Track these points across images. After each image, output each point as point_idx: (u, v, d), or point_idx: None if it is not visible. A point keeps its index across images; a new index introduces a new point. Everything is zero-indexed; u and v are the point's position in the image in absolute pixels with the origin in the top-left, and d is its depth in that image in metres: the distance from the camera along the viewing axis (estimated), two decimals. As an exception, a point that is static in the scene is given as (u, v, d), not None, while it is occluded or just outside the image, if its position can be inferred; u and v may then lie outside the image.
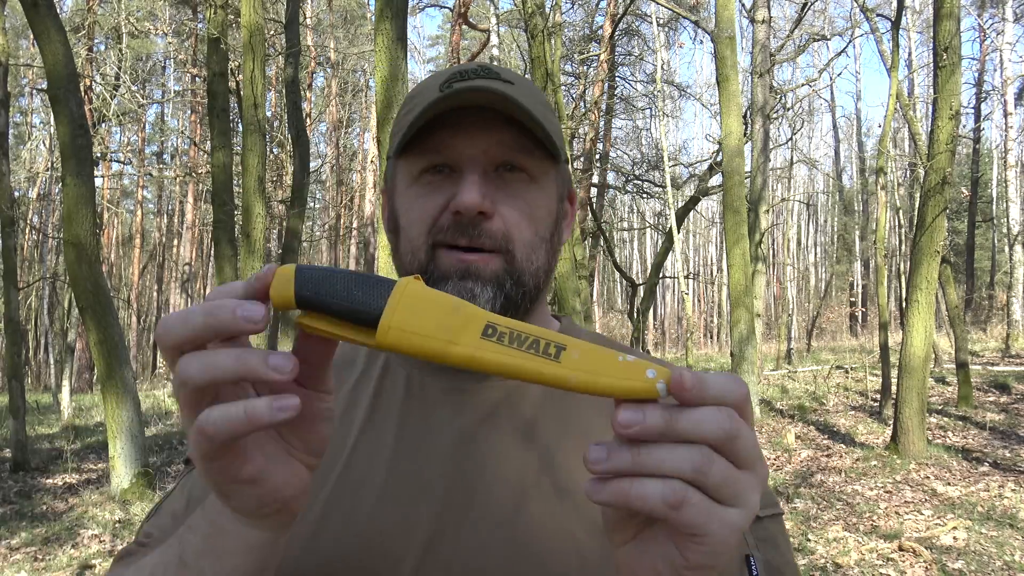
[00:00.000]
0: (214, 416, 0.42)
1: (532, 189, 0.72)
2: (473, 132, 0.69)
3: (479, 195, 0.68)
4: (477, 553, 0.65)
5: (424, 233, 0.71)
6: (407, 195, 0.73)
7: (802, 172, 33.75)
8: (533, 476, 0.69)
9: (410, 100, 0.75)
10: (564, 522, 0.66)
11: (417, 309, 0.43)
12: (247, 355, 0.42)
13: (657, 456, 0.39)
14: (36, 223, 22.98)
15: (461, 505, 0.67)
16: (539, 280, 0.74)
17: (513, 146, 0.70)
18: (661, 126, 15.94)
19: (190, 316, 0.43)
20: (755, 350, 9.61)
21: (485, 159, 0.70)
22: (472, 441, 0.70)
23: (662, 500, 0.39)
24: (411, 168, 0.73)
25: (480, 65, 0.73)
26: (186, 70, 23.13)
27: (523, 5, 8.47)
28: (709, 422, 0.39)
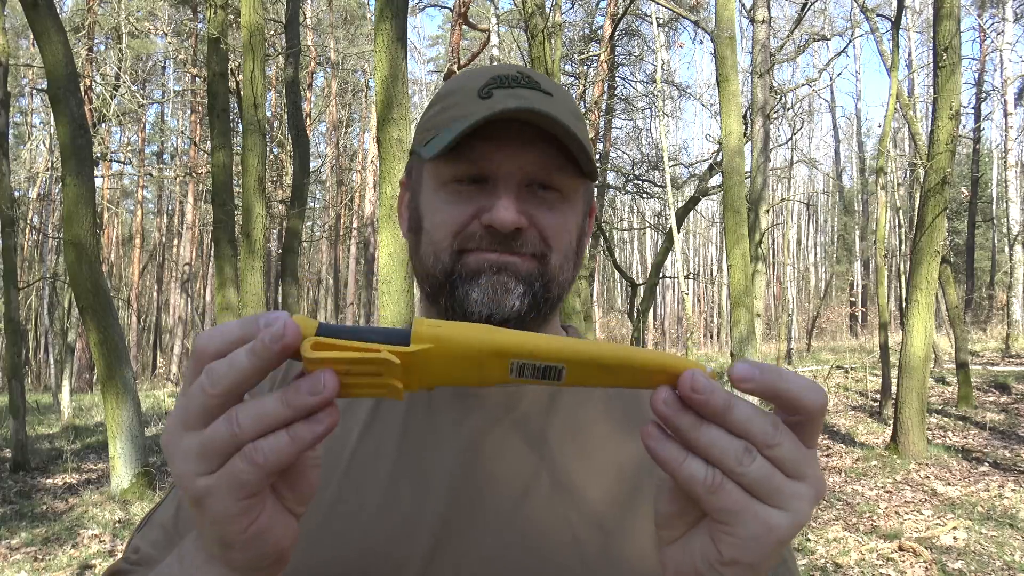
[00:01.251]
0: (264, 445, 0.41)
1: (564, 206, 0.72)
2: (511, 147, 0.69)
3: (516, 213, 0.68)
4: (484, 555, 0.65)
5: (450, 237, 0.71)
6: (434, 199, 0.73)
7: (802, 172, 33.77)
8: (539, 478, 0.69)
9: (444, 98, 0.74)
10: (567, 522, 0.66)
11: (443, 324, 0.42)
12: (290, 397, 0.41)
13: (710, 435, 0.40)
14: (36, 223, 22.98)
15: (467, 507, 0.67)
16: (563, 291, 0.74)
17: (549, 165, 0.70)
18: (661, 126, 15.94)
19: (235, 360, 0.41)
20: (755, 350, 9.60)
21: (522, 175, 0.70)
22: (478, 443, 0.70)
23: (702, 480, 0.40)
24: (441, 172, 0.72)
25: (520, 71, 0.73)
26: (186, 70, 23.13)
27: (523, 5, 8.47)
28: (753, 421, 0.41)
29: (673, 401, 0.41)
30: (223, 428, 0.41)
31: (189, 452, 0.42)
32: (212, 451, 0.41)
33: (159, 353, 30.01)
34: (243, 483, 0.41)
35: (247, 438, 0.41)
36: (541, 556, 0.64)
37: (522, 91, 0.70)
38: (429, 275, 0.73)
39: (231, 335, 0.42)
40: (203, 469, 0.42)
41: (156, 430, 11.08)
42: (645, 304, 17.44)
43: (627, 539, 0.66)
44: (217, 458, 0.41)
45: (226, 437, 0.41)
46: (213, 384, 0.41)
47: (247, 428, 0.41)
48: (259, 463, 0.41)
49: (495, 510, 0.67)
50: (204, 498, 0.42)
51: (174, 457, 0.43)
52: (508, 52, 18.83)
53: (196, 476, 0.42)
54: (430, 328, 0.42)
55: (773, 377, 0.41)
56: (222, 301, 9.10)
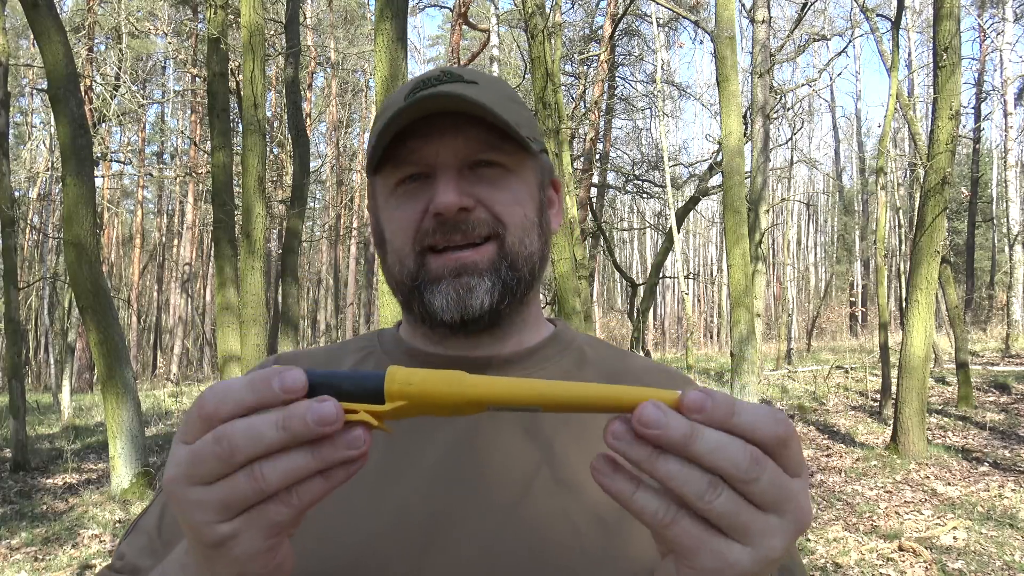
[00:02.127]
0: (301, 490, 0.41)
1: (510, 178, 0.73)
2: (441, 137, 0.70)
3: (456, 193, 0.69)
4: (481, 547, 0.65)
5: (410, 241, 0.72)
6: (387, 208, 0.74)
7: (802, 172, 33.77)
8: (535, 469, 0.69)
9: (379, 116, 0.75)
10: (566, 515, 0.66)
11: (417, 371, 0.43)
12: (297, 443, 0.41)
13: (669, 468, 0.39)
14: (36, 223, 22.97)
15: (461, 500, 0.67)
16: (533, 266, 0.74)
17: (483, 144, 0.71)
18: (661, 126, 15.94)
19: (262, 433, 0.40)
20: (755, 350, 9.60)
21: (457, 160, 0.71)
22: (471, 437, 0.70)
23: (652, 515, 0.39)
24: (388, 181, 0.74)
25: (442, 70, 0.74)
26: (186, 70, 23.13)
27: (523, 5, 8.47)
28: (726, 452, 0.38)
29: (624, 434, 0.39)
30: (246, 484, 0.40)
31: (205, 504, 0.41)
32: (235, 504, 0.41)
33: (159, 353, 30.01)
34: (276, 524, 0.42)
35: (274, 491, 0.41)
36: (540, 549, 0.64)
37: (443, 87, 0.71)
38: (399, 283, 0.74)
39: (244, 401, 0.41)
40: (224, 517, 0.41)
41: (156, 430, 11.07)
42: (645, 304, 17.44)
43: (627, 532, 0.65)
44: (240, 508, 0.41)
45: (249, 492, 0.40)
46: (232, 454, 0.40)
47: (275, 483, 0.40)
48: (295, 506, 0.41)
49: (491, 503, 0.67)
50: (228, 541, 0.42)
51: (185, 508, 0.42)
52: (508, 52, 18.84)
53: (217, 524, 0.42)
54: (402, 386, 0.42)
55: (723, 411, 0.39)
56: (222, 301, 9.10)
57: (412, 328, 0.80)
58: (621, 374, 0.78)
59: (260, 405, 0.41)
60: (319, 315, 33.25)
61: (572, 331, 0.84)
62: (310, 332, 31.51)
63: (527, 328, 0.78)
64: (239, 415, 0.41)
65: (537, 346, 0.78)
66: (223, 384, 0.42)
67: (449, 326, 0.71)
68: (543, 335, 0.80)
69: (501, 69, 15.94)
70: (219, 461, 0.40)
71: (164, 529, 0.71)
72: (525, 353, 0.77)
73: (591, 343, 0.83)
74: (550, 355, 0.78)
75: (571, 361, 0.79)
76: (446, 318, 0.70)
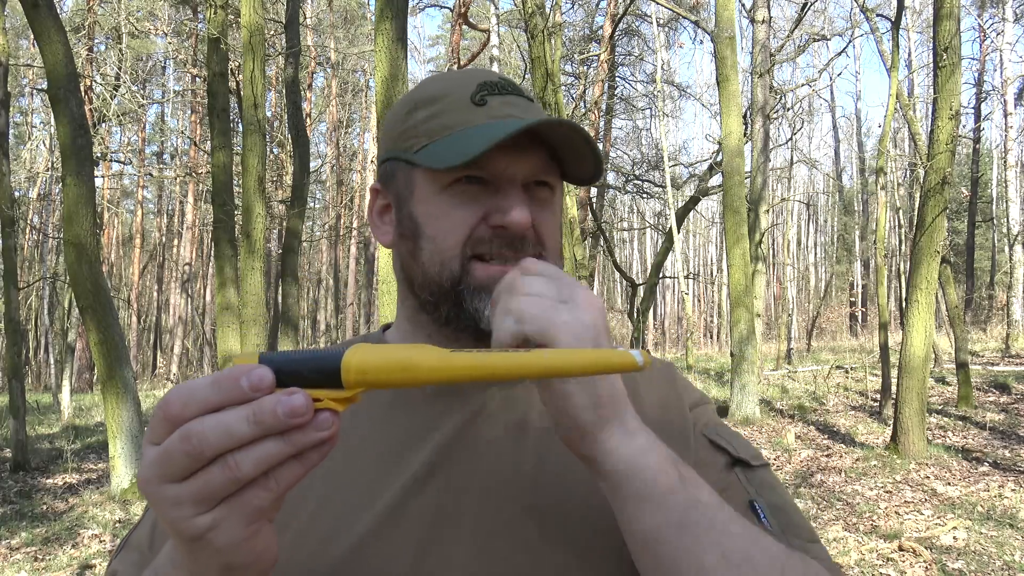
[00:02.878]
0: (279, 474, 0.42)
1: (554, 202, 0.75)
2: (517, 150, 0.70)
3: (529, 213, 0.70)
4: (474, 546, 0.65)
5: (459, 244, 0.71)
6: (435, 203, 0.72)
7: (802, 172, 33.78)
8: (528, 468, 0.69)
9: (430, 103, 0.73)
10: (561, 513, 0.66)
11: (374, 348, 0.44)
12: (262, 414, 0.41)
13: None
14: (36, 223, 22.98)
15: (456, 500, 0.67)
16: None
17: (544, 166, 0.72)
18: (661, 126, 15.94)
19: (232, 427, 0.41)
20: (755, 350, 9.61)
21: (523, 176, 0.72)
22: (466, 436, 0.70)
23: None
24: (440, 176, 0.71)
25: (503, 78, 0.75)
26: (186, 70, 23.13)
27: (523, 5, 8.47)
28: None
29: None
30: (220, 475, 0.41)
31: (180, 499, 0.42)
32: (210, 495, 0.42)
33: (159, 353, 30.02)
34: (256, 509, 0.42)
35: (249, 479, 0.41)
36: (531, 546, 0.65)
37: (512, 98, 0.72)
38: (432, 283, 0.72)
39: (209, 400, 0.41)
40: (201, 510, 0.42)
41: (156, 430, 11.06)
42: (645, 304, 17.44)
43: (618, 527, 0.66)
44: (217, 499, 0.42)
45: (225, 482, 0.41)
46: (202, 450, 0.41)
47: (249, 471, 0.41)
48: (274, 489, 0.42)
49: (485, 502, 0.67)
50: (208, 532, 0.43)
51: (161, 506, 0.43)
52: (508, 52, 18.84)
53: (194, 517, 0.42)
54: (358, 375, 0.43)
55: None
56: (222, 301, 9.10)
57: (408, 331, 0.78)
58: None
59: (226, 403, 0.41)
60: (319, 315, 33.25)
61: None
62: (310, 332, 31.52)
63: None
64: (205, 414, 0.41)
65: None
66: (187, 385, 0.42)
67: (477, 331, 0.71)
68: None
69: (501, 69, 15.95)
70: (189, 458, 0.41)
71: (156, 543, 0.70)
72: None
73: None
74: None
75: None
76: (484, 326, 0.70)
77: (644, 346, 17.46)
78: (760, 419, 9.26)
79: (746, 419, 9.14)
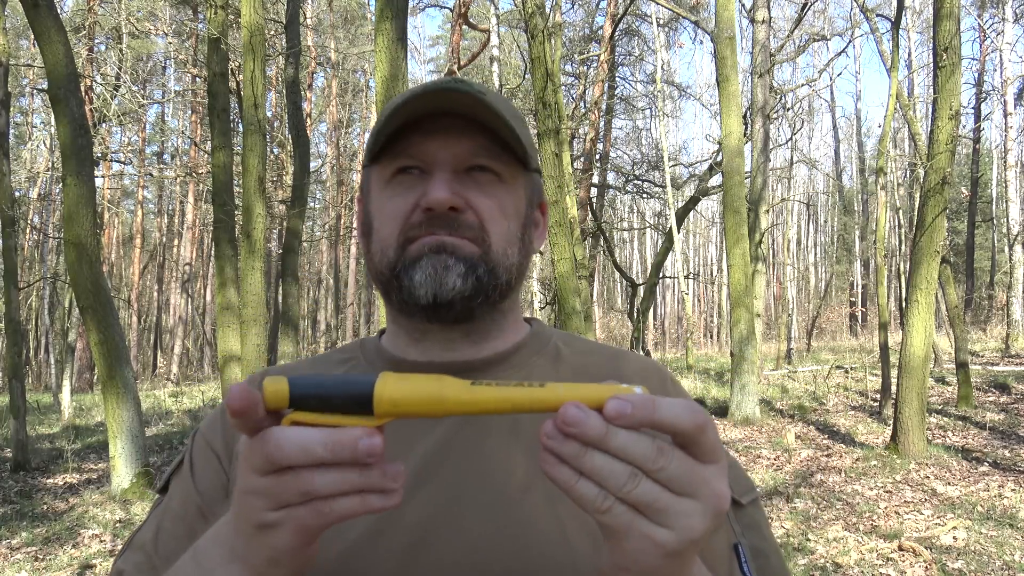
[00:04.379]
0: (338, 505, 0.46)
1: (501, 188, 0.74)
2: (444, 135, 0.71)
3: (448, 191, 0.70)
4: (466, 550, 0.65)
5: (396, 231, 0.72)
6: (380, 198, 0.75)
7: (802, 172, 33.77)
8: (521, 471, 0.69)
9: (384, 111, 0.76)
10: (553, 515, 0.67)
11: (403, 380, 0.47)
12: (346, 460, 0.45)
13: (595, 463, 0.43)
14: (36, 223, 22.97)
15: (446, 504, 0.67)
16: (511, 276, 0.75)
17: (483, 149, 0.72)
18: (661, 126, 15.95)
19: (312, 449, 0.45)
20: (755, 350, 9.61)
21: (455, 161, 0.72)
22: (458, 440, 0.70)
23: (591, 501, 0.44)
24: (384, 172, 0.74)
25: (453, 78, 0.75)
26: (186, 70, 23.13)
27: (523, 5, 8.47)
28: (635, 446, 0.43)
29: (555, 432, 0.44)
30: (294, 485, 0.46)
31: (257, 490, 0.47)
32: (281, 498, 0.47)
33: (159, 353, 30.01)
34: (309, 528, 0.47)
35: (318, 497, 0.46)
36: (527, 550, 0.65)
37: (451, 87, 0.73)
38: (378, 272, 0.75)
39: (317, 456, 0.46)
40: (270, 507, 0.47)
41: (156, 430, 11.08)
42: (645, 304, 17.44)
43: None
44: (284, 502, 0.47)
45: (296, 492, 0.46)
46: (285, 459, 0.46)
47: (321, 491, 0.46)
48: (329, 517, 0.46)
49: (477, 506, 0.67)
50: (268, 530, 0.48)
51: (243, 490, 0.48)
52: (508, 52, 18.83)
53: (263, 511, 0.48)
54: (389, 407, 0.46)
55: (646, 411, 0.43)
56: (222, 301, 9.11)
57: (394, 332, 0.80)
58: (596, 368, 0.80)
59: (335, 462, 0.46)
60: (319, 315, 33.25)
61: (548, 329, 0.85)
62: (310, 332, 31.51)
63: (504, 333, 0.79)
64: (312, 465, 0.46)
65: (515, 347, 0.80)
66: (297, 432, 0.46)
67: (424, 308, 0.71)
68: (520, 336, 0.82)
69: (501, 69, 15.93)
70: (267, 461, 0.46)
71: (160, 544, 0.71)
72: (504, 355, 0.78)
73: (565, 339, 0.85)
74: (527, 355, 0.80)
75: (547, 360, 0.80)
76: (421, 294, 0.70)
77: (644, 346, 17.45)
78: (760, 419, 9.27)
79: (746, 419, 9.15)
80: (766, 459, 7.36)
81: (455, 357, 0.76)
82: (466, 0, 14.42)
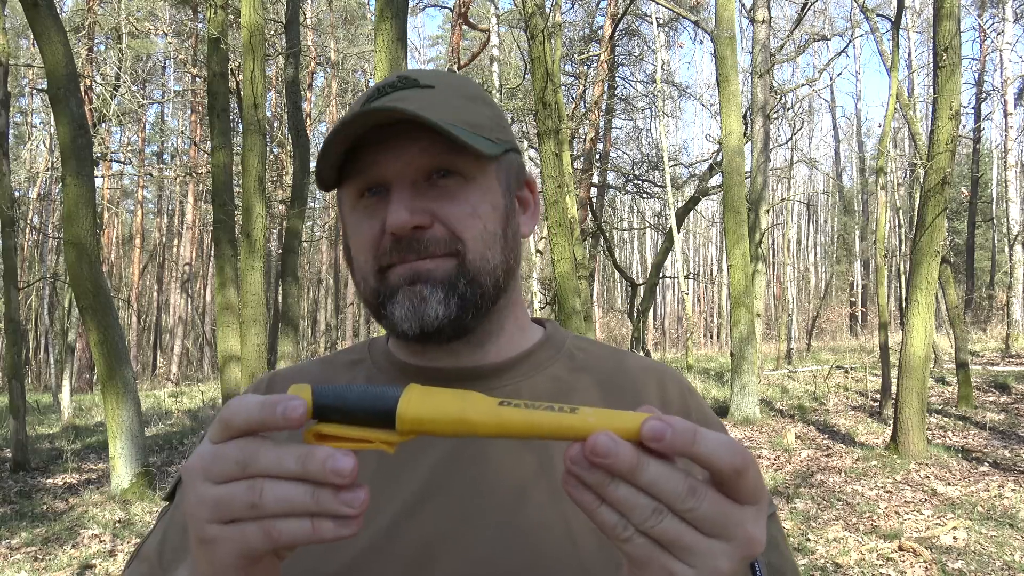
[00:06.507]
0: (285, 527, 0.43)
1: (469, 188, 0.70)
2: (396, 145, 0.67)
3: (407, 212, 0.66)
4: (475, 561, 0.64)
5: (371, 259, 0.70)
6: (350, 222, 0.73)
7: (802, 172, 33.77)
8: (530, 479, 0.68)
9: (335, 124, 0.73)
10: (563, 523, 0.66)
11: (428, 396, 0.46)
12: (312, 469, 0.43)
13: (619, 494, 0.42)
14: (36, 223, 22.97)
15: (456, 514, 0.66)
16: (497, 278, 0.71)
17: (440, 153, 0.68)
18: (661, 126, 15.95)
19: (284, 458, 0.43)
20: (755, 350, 9.61)
21: (413, 171, 0.68)
22: (466, 448, 0.69)
23: (612, 529, 0.42)
24: (349, 195, 0.71)
25: (400, 75, 0.72)
26: (186, 70, 23.13)
27: (523, 5, 8.47)
28: (665, 483, 0.41)
29: (580, 459, 0.42)
30: (243, 495, 0.43)
31: (205, 499, 0.44)
32: (227, 509, 0.44)
33: (159, 353, 30.01)
34: (252, 547, 0.44)
35: (265, 513, 0.43)
36: (536, 560, 0.64)
37: (398, 94, 0.69)
38: (365, 300, 0.73)
39: (252, 417, 0.44)
40: (214, 518, 0.44)
41: (156, 430, 11.07)
42: (645, 304, 17.44)
43: None
44: (231, 515, 0.44)
45: (244, 504, 0.43)
46: (248, 464, 0.43)
47: (269, 505, 0.43)
48: (274, 538, 0.43)
49: (485, 516, 0.66)
50: (210, 543, 0.45)
51: (190, 497, 0.45)
52: (508, 52, 18.83)
53: (207, 522, 0.44)
54: (413, 425, 0.45)
55: (684, 440, 0.41)
56: (222, 301, 9.10)
57: (394, 339, 0.79)
58: (614, 375, 0.78)
59: (264, 425, 0.43)
60: (319, 315, 33.24)
61: (562, 332, 0.82)
62: (310, 332, 31.50)
63: (506, 334, 0.76)
64: (248, 429, 0.44)
65: (528, 351, 0.77)
66: (245, 397, 0.45)
67: (414, 338, 0.69)
68: (533, 339, 0.79)
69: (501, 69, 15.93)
70: (237, 466, 0.44)
71: (165, 555, 0.70)
72: (516, 359, 0.76)
73: (581, 345, 0.82)
74: (542, 360, 0.77)
75: (563, 366, 0.77)
76: (405, 328, 0.68)
77: (644, 346, 17.43)
78: (760, 419, 9.26)
79: (746, 419, 9.14)
80: (766, 459, 7.36)
81: (462, 363, 0.74)
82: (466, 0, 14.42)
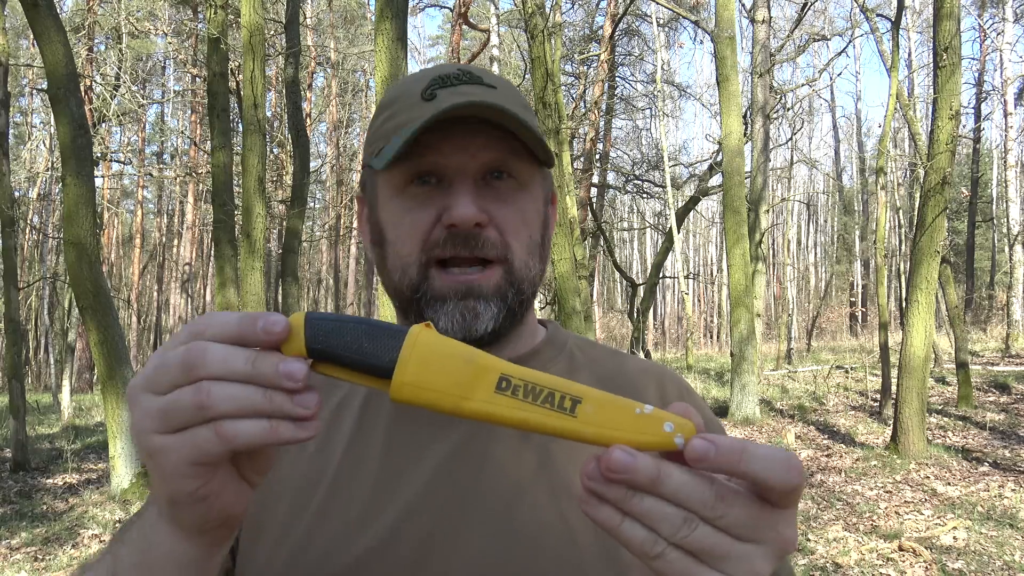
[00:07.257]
0: (241, 428, 0.41)
1: (522, 195, 0.70)
2: (460, 139, 0.67)
3: (475, 207, 0.66)
4: (476, 558, 0.64)
5: (417, 249, 0.69)
6: (392, 207, 0.70)
7: (802, 172, 33.77)
8: (531, 478, 0.68)
9: (388, 107, 0.72)
10: (563, 523, 0.66)
11: (430, 362, 0.43)
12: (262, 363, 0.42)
13: (644, 506, 0.39)
14: (36, 223, 22.97)
15: (458, 513, 0.66)
16: (534, 286, 0.73)
17: (502, 154, 0.68)
18: (661, 126, 15.95)
19: (231, 358, 0.41)
20: (755, 350, 9.61)
21: (474, 167, 0.68)
22: (468, 447, 0.69)
23: (639, 546, 0.40)
24: (395, 179, 0.70)
25: (460, 68, 0.71)
26: (186, 70, 23.13)
27: (523, 5, 8.47)
28: (689, 493, 0.39)
29: (597, 475, 0.40)
30: (189, 397, 0.41)
31: (150, 410, 0.43)
32: (175, 416, 0.42)
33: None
34: (204, 451, 0.42)
35: (216, 414, 0.41)
36: (536, 559, 0.64)
37: (465, 87, 0.69)
38: (396, 290, 0.72)
39: (229, 330, 0.42)
40: (161, 428, 0.42)
41: (156, 430, 11.06)
42: (645, 304, 17.44)
43: None
44: (179, 422, 0.42)
45: (191, 406, 0.41)
46: (195, 366, 0.41)
47: (219, 405, 0.41)
48: (229, 439, 0.41)
49: (486, 515, 0.66)
50: (157, 454, 0.43)
51: (133, 410, 0.44)
52: (508, 52, 18.82)
53: (152, 433, 0.43)
54: (413, 391, 0.43)
55: (730, 460, 0.39)
56: (222, 301, 9.10)
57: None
58: (613, 376, 0.78)
59: (240, 338, 0.42)
60: (319, 315, 33.18)
61: (563, 333, 0.83)
62: (310, 332, 31.43)
63: (523, 335, 0.77)
64: (220, 341, 0.42)
65: (533, 350, 0.78)
66: (218, 312, 0.43)
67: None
68: (537, 339, 0.80)
69: (501, 69, 15.94)
70: (181, 368, 0.42)
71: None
72: (523, 358, 0.76)
73: (581, 345, 0.82)
74: (544, 360, 0.77)
75: (563, 366, 0.78)
76: (447, 334, 0.68)
77: (644, 346, 17.43)
78: (760, 419, 9.26)
79: (746, 419, 9.14)
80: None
81: None
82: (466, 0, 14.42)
